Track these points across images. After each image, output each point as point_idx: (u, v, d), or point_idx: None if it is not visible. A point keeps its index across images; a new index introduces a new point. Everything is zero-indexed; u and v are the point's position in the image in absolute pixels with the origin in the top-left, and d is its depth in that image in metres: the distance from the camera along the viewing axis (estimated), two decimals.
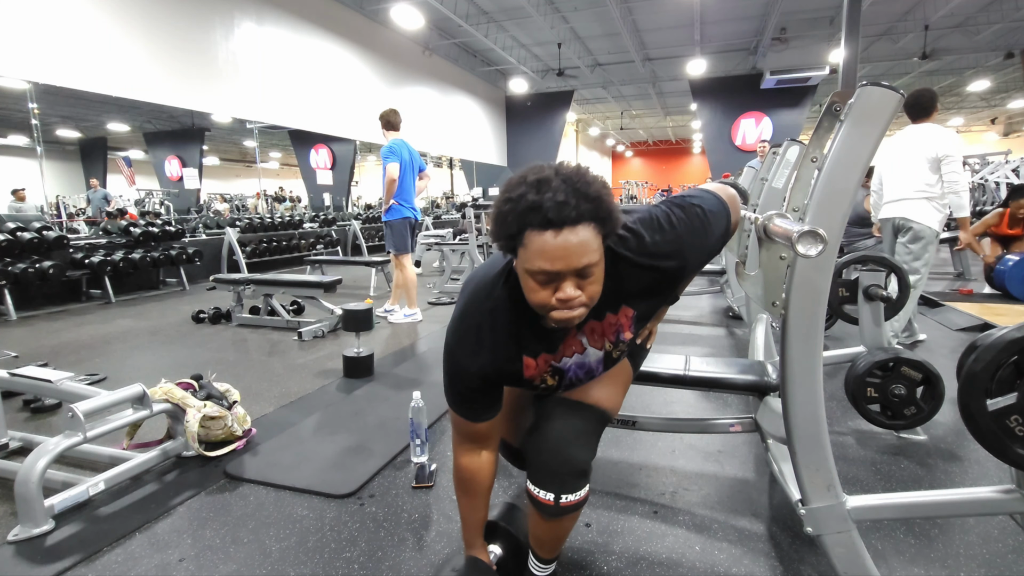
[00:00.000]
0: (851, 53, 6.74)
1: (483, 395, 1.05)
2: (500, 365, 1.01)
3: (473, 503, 1.14)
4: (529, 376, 1.03)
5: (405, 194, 3.99)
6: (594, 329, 1.02)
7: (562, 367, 1.03)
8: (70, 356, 3.36)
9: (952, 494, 1.19)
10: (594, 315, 0.99)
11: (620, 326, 1.02)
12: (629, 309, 1.01)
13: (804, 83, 11.26)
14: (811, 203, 1.02)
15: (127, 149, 15.18)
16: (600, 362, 1.05)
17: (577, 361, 1.04)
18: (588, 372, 1.06)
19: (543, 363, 1.03)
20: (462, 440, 1.12)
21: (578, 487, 1.03)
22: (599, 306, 0.96)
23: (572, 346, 1.02)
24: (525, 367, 1.02)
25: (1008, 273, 4.23)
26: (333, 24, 8.66)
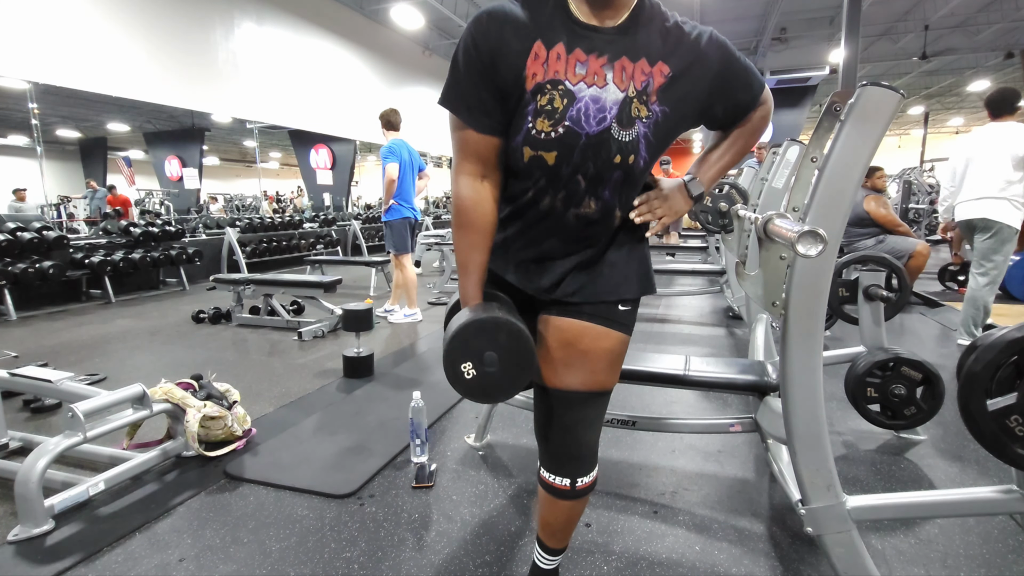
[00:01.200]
0: (851, 53, 6.74)
1: (482, 89, 0.94)
2: (511, 44, 0.92)
3: (471, 239, 1.01)
4: (533, 76, 0.92)
5: (405, 194, 3.98)
6: (624, 68, 0.92)
7: (575, 91, 0.92)
8: (70, 356, 3.36)
9: (952, 494, 1.19)
10: (628, 53, 0.93)
11: (651, 79, 0.93)
12: (666, 67, 0.94)
13: (804, 83, 11.25)
14: (811, 203, 1.02)
15: (127, 149, 15.20)
16: (616, 106, 0.92)
17: (593, 95, 0.92)
18: (600, 112, 0.93)
19: (555, 61, 0.92)
20: (462, 159, 1.01)
21: (592, 468, 1.08)
22: (638, 47, 0.93)
23: (595, 72, 0.92)
24: (533, 56, 0.92)
25: (1008, 273, 4.23)
26: (333, 24, 8.66)
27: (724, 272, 4.37)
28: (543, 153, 0.94)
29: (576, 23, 0.92)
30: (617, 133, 0.93)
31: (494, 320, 0.92)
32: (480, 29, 0.93)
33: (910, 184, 8.47)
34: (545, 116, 0.93)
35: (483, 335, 0.92)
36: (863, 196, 4.02)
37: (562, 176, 0.96)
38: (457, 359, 0.93)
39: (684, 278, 5.52)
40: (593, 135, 0.93)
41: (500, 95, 0.94)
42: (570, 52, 0.92)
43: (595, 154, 0.94)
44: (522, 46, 0.92)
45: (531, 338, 0.91)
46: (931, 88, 15.15)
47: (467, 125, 0.97)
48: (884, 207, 3.99)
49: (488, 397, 0.96)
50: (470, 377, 0.93)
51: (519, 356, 0.92)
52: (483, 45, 0.92)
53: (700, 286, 5.06)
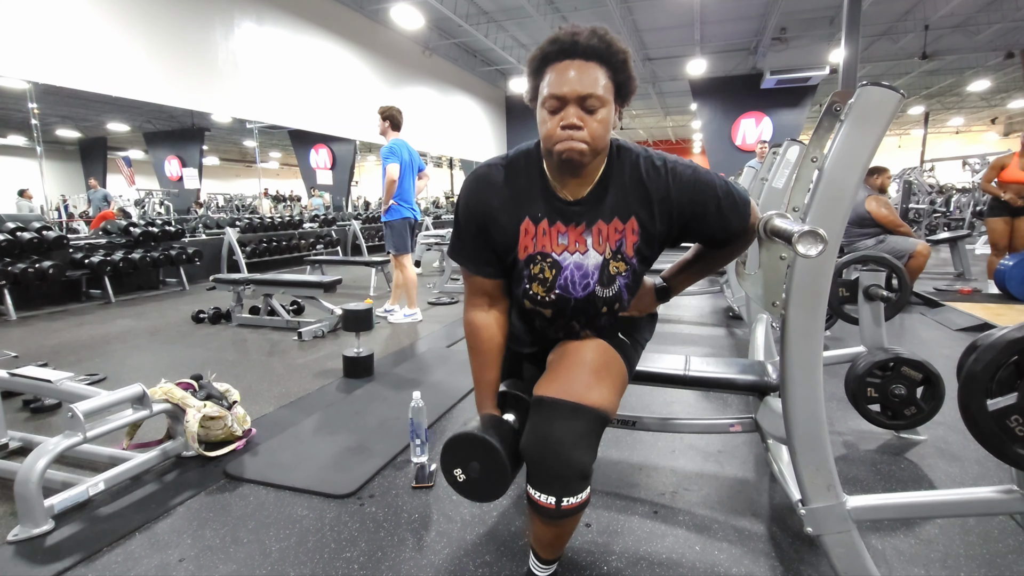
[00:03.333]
0: (851, 53, 6.74)
1: (481, 247, 1.10)
2: (499, 219, 1.06)
3: (482, 360, 1.15)
4: (525, 249, 1.06)
5: (405, 194, 3.98)
6: (600, 231, 1.05)
7: (560, 261, 1.06)
8: (70, 356, 3.36)
9: (952, 494, 1.18)
10: (603, 216, 1.04)
11: (624, 237, 1.05)
12: (636, 224, 1.04)
13: (804, 83, 11.25)
14: (811, 203, 1.02)
15: (127, 149, 15.19)
16: (597, 270, 1.06)
17: (576, 262, 1.06)
18: (584, 278, 1.06)
19: (541, 236, 1.05)
20: (471, 295, 1.16)
21: (580, 490, 1.02)
22: (609, 208, 1.04)
23: (575, 240, 1.05)
24: (523, 232, 1.06)
25: (1008, 273, 4.23)
26: (333, 24, 8.66)
27: (724, 272, 4.37)
28: (541, 309, 1.11)
29: (555, 198, 1.05)
30: (601, 292, 1.08)
31: (472, 437, 1.06)
32: (472, 201, 1.09)
33: (910, 184, 8.47)
34: (539, 283, 1.09)
35: (465, 448, 1.07)
36: (864, 196, 4.02)
37: (559, 323, 1.14)
38: (449, 466, 1.09)
39: None
40: (580, 299, 1.08)
41: (498, 256, 1.10)
42: (552, 225, 1.06)
43: (584, 310, 1.10)
44: (510, 222, 1.06)
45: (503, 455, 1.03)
46: (931, 88, 15.15)
47: (474, 274, 1.13)
48: (886, 207, 3.98)
49: (478, 498, 1.10)
50: (461, 480, 1.09)
51: (494, 469, 1.05)
52: (477, 214, 1.08)
53: (700, 286, 5.05)
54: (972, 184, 9.03)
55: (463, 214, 1.09)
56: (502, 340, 1.16)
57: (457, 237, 1.12)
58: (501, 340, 1.16)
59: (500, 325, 1.16)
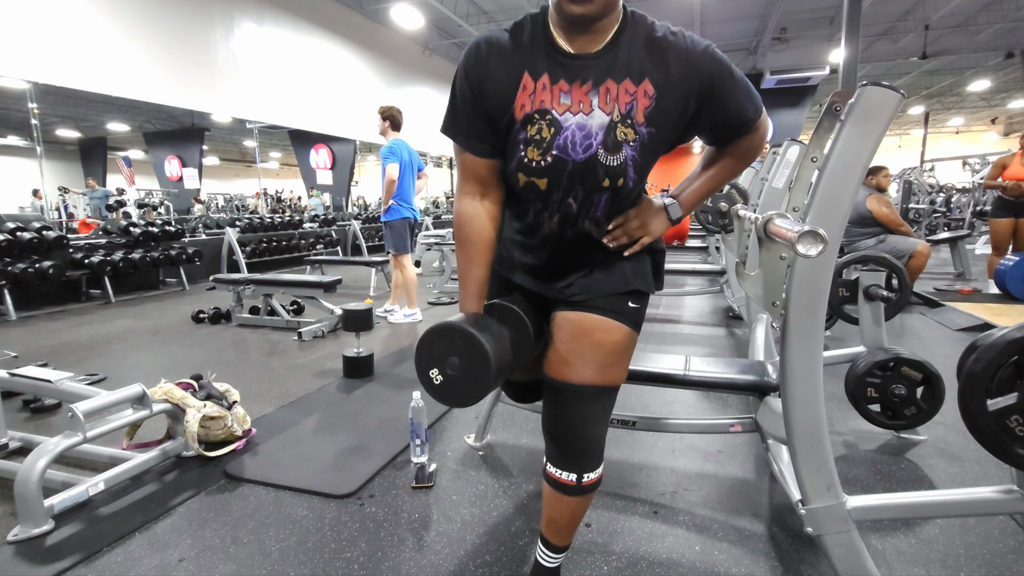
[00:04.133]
0: (851, 53, 6.74)
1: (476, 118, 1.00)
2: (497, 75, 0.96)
3: (470, 254, 1.06)
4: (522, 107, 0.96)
5: (405, 194, 3.98)
6: (608, 90, 0.94)
7: (561, 121, 0.95)
8: (70, 356, 3.36)
9: (952, 494, 1.18)
10: (613, 75, 0.94)
11: (636, 100, 0.94)
12: (650, 86, 0.94)
13: (804, 83, 11.26)
14: (811, 203, 1.02)
15: (127, 149, 15.20)
16: (602, 131, 0.95)
17: (579, 122, 0.95)
18: (586, 139, 0.96)
19: (541, 91, 0.96)
20: (463, 180, 1.08)
21: (597, 464, 1.09)
22: (621, 66, 0.94)
23: (579, 100, 0.95)
24: (522, 88, 0.96)
25: (1008, 273, 4.23)
26: (333, 24, 8.66)
27: (724, 272, 4.37)
28: (535, 179, 0.99)
29: (559, 52, 0.96)
30: (604, 158, 0.96)
31: (450, 327, 0.94)
32: (470, 61, 0.99)
33: (910, 184, 8.47)
34: (534, 145, 0.97)
35: (442, 342, 0.95)
36: (865, 195, 4.02)
37: (554, 200, 1.01)
38: (423, 365, 0.98)
39: (684, 278, 5.52)
40: (580, 162, 0.97)
41: (493, 122, 0.99)
42: (555, 83, 0.96)
43: (583, 179, 0.98)
44: (508, 78, 0.97)
45: (487, 347, 0.92)
46: (931, 88, 15.16)
47: (465, 150, 1.04)
48: (887, 206, 3.98)
49: (456, 401, 0.98)
50: (438, 382, 0.97)
51: (475, 361, 0.93)
52: (473, 76, 0.99)
53: (700, 286, 5.06)
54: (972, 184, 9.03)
55: (459, 81, 1.00)
56: (492, 234, 1.07)
57: (451, 108, 1.03)
58: (491, 234, 1.07)
59: (491, 217, 1.06)
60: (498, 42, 0.98)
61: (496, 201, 1.08)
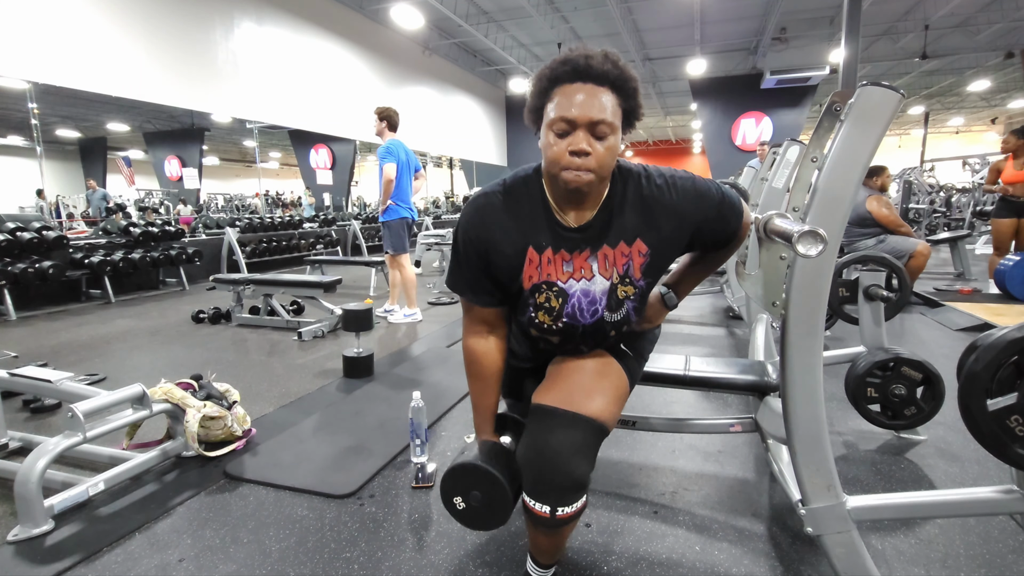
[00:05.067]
0: (851, 53, 6.74)
1: (481, 277, 1.07)
2: (503, 249, 1.03)
3: (481, 387, 1.15)
4: (530, 278, 1.04)
5: (402, 194, 4.00)
6: (606, 256, 1.03)
7: (566, 289, 1.03)
8: (70, 356, 3.36)
9: (952, 494, 1.18)
10: (608, 241, 1.02)
11: (631, 260, 1.03)
12: (643, 245, 1.03)
13: (804, 83, 11.25)
14: (811, 203, 1.02)
15: (127, 149, 15.20)
16: (605, 295, 1.04)
17: (583, 288, 1.04)
18: (591, 305, 1.05)
19: (546, 265, 1.03)
20: (470, 323, 1.15)
21: (575, 500, 1.01)
22: (615, 233, 1.02)
23: (581, 268, 1.03)
24: (528, 261, 1.03)
25: (1008, 273, 4.23)
26: (333, 24, 8.66)
27: (724, 272, 4.37)
28: (548, 336, 1.10)
29: (559, 225, 1.02)
30: (609, 317, 1.07)
31: (474, 467, 1.05)
32: (473, 228, 1.05)
33: (910, 184, 8.47)
34: (545, 312, 1.06)
35: (467, 477, 1.06)
36: (865, 196, 4.01)
37: (566, 348, 1.13)
38: (449, 494, 1.09)
39: None
40: (589, 325, 1.07)
41: (497, 281, 1.07)
42: (556, 253, 1.03)
43: (593, 335, 1.09)
44: (514, 252, 1.04)
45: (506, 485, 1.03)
46: (931, 88, 15.15)
47: (473, 304, 1.11)
48: (886, 207, 3.98)
49: (478, 526, 1.10)
50: (461, 508, 1.08)
51: (496, 498, 1.05)
52: (479, 245, 1.05)
53: (700, 286, 5.04)
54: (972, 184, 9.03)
55: (463, 243, 1.06)
56: (501, 365, 1.16)
57: (456, 266, 1.09)
58: (500, 366, 1.15)
59: (499, 351, 1.15)
60: (499, 211, 1.03)
61: (502, 335, 1.16)
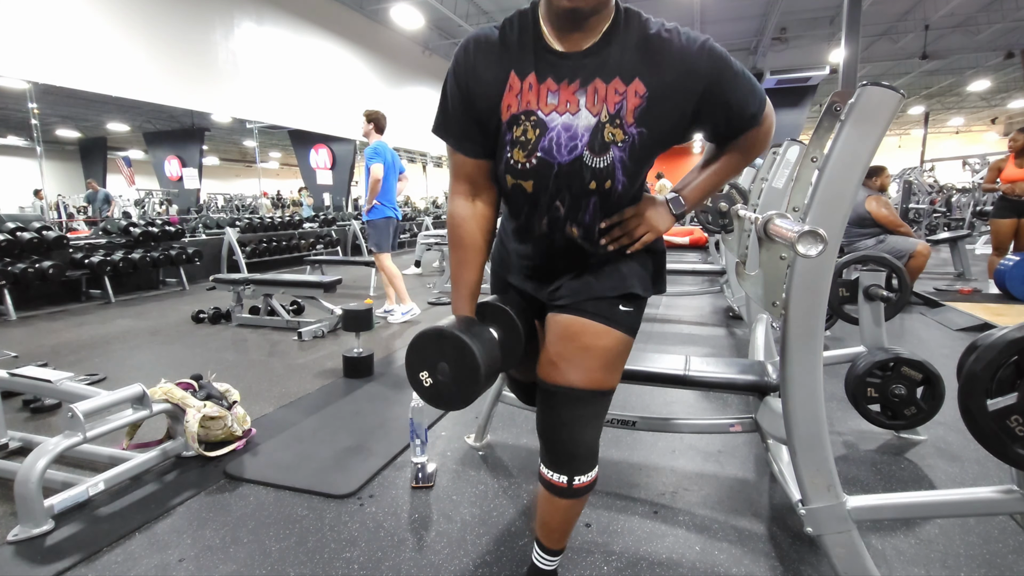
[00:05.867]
0: (851, 53, 6.74)
1: (464, 117, 0.99)
2: (483, 77, 0.95)
3: (461, 257, 1.06)
4: (508, 108, 0.94)
5: (388, 195, 4.11)
6: (597, 90, 0.91)
7: (547, 122, 0.93)
8: (70, 356, 3.36)
9: (952, 494, 1.18)
10: (601, 74, 0.91)
11: (625, 100, 0.91)
12: (641, 86, 0.90)
13: (804, 83, 11.26)
14: (811, 203, 1.02)
15: (127, 149, 15.18)
16: (588, 133, 0.92)
17: (565, 122, 0.92)
18: (571, 140, 0.93)
19: (527, 91, 0.93)
20: (454, 179, 1.06)
21: (589, 468, 1.07)
22: (611, 66, 0.91)
23: (566, 100, 0.92)
24: (508, 88, 0.94)
25: (1008, 273, 4.23)
26: (333, 24, 8.66)
27: (724, 272, 4.37)
28: (521, 182, 0.98)
29: (548, 51, 0.94)
30: (590, 160, 0.93)
31: (442, 333, 0.95)
32: (459, 61, 0.98)
33: (910, 184, 8.47)
34: (520, 147, 0.95)
35: (432, 346, 0.96)
36: (865, 196, 4.02)
37: (541, 203, 0.99)
38: (414, 368, 0.99)
39: (684, 278, 5.52)
40: (565, 164, 0.94)
41: (482, 123, 0.98)
42: (541, 82, 0.93)
43: (569, 182, 0.95)
44: (495, 78, 0.95)
45: (476, 353, 0.93)
46: (931, 88, 15.15)
47: (456, 151, 1.03)
48: (886, 207, 3.98)
49: (445, 404, 0.99)
50: (428, 385, 0.98)
51: (464, 368, 0.94)
52: (461, 77, 0.97)
53: (700, 286, 5.06)
54: (972, 184, 9.03)
55: (448, 82, 0.99)
56: (485, 237, 1.07)
57: (441, 109, 1.02)
58: (483, 236, 1.06)
59: (483, 218, 1.06)
60: (486, 41, 0.96)
61: (488, 202, 1.07)
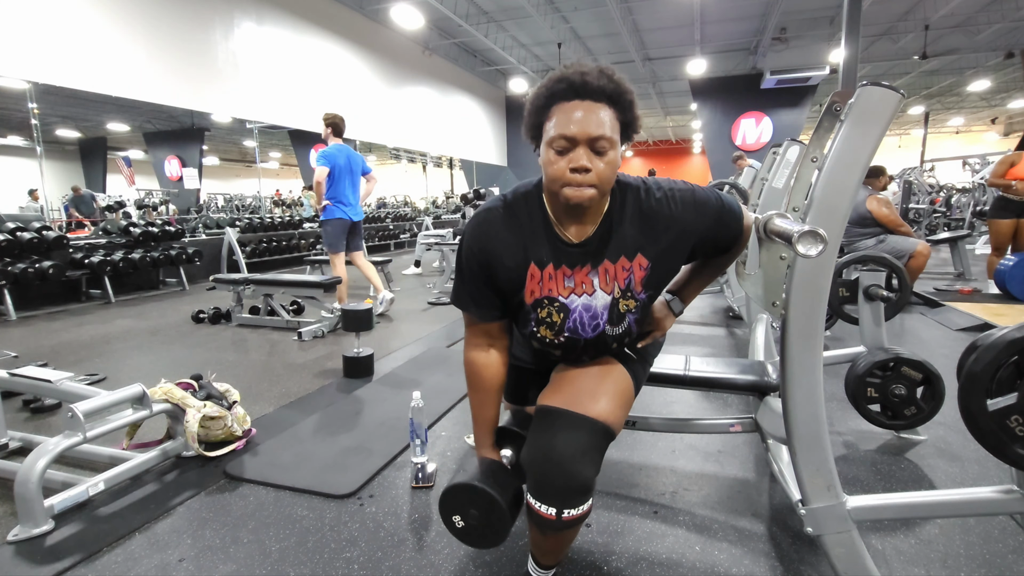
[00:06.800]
0: (851, 53, 6.74)
1: (485, 292, 1.08)
2: (505, 262, 1.04)
3: (482, 399, 1.15)
4: (532, 293, 1.05)
5: (341, 196, 4.17)
6: (607, 271, 1.04)
7: (568, 304, 1.05)
8: (70, 356, 3.36)
9: (952, 494, 1.18)
10: (609, 256, 1.03)
11: (632, 274, 1.04)
12: (644, 259, 1.04)
13: (804, 83, 11.25)
14: (811, 203, 1.02)
15: (127, 149, 15.18)
16: (606, 310, 1.05)
17: (584, 303, 1.05)
18: (593, 320, 1.06)
19: (548, 280, 1.04)
20: (472, 335, 1.15)
21: (581, 503, 0.99)
22: (615, 247, 1.02)
23: (582, 282, 1.04)
24: (530, 276, 1.04)
25: (1008, 273, 4.23)
26: (333, 24, 8.66)
27: (724, 272, 4.36)
28: (551, 350, 1.12)
29: (559, 241, 1.04)
30: (611, 331, 1.08)
31: (471, 488, 1.05)
32: (477, 243, 1.06)
33: (910, 184, 8.47)
34: (547, 327, 1.08)
35: (465, 497, 1.07)
36: (865, 196, 4.01)
37: (569, 357, 1.14)
38: (447, 512, 1.10)
39: None
40: (591, 339, 1.08)
41: (501, 294, 1.09)
42: (558, 269, 1.04)
43: (595, 347, 1.10)
44: (516, 265, 1.05)
45: (504, 506, 1.03)
46: (931, 88, 15.15)
47: (476, 319, 1.12)
48: (887, 207, 3.98)
49: (477, 544, 1.10)
50: (460, 527, 1.09)
51: (494, 519, 1.05)
52: (482, 259, 1.06)
53: None
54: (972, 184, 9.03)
55: (466, 257, 1.07)
56: (502, 379, 1.16)
57: (461, 282, 1.10)
58: (501, 379, 1.16)
59: (501, 363, 1.16)
60: (500, 226, 1.05)
61: (503, 348, 1.17)
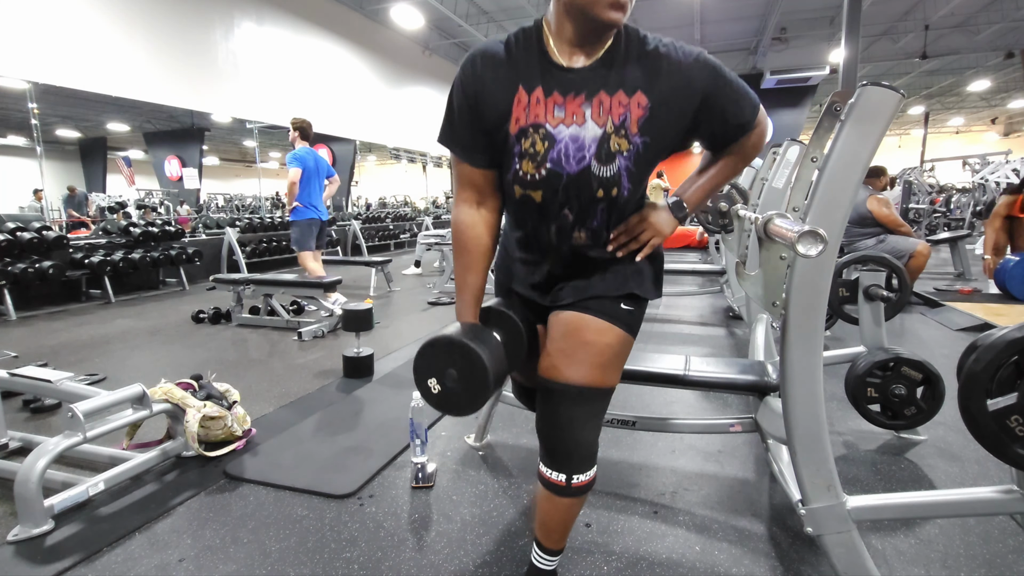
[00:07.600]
0: (851, 53, 6.74)
1: (472, 129, 1.02)
2: (492, 90, 0.98)
3: (466, 261, 1.08)
4: (516, 121, 0.98)
5: (310, 197, 4.28)
6: (602, 102, 0.96)
7: (554, 134, 0.97)
8: (70, 356, 3.36)
9: (952, 494, 1.19)
10: (606, 87, 0.96)
11: (629, 111, 0.96)
12: (643, 98, 0.95)
13: (804, 83, 11.27)
14: (811, 203, 1.02)
15: (127, 149, 15.17)
16: (595, 143, 0.96)
17: (572, 134, 0.97)
18: (579, 151, 0.97)
19: (535, 105, 0.97)
20: (460, 188, 1.09)
21: (588, 467, 1.07)
22: (614, 79, 0.96)
23: (573, 112, 0.97)
24: (516, 102, 0.98)
25: (1008, 273, 4.23)
26: (333, 24, 8.66)
27: (724, 272, 4.37)
28: (531, 192, 1.02)
29: (554, 65, 0.98)
30: (597, 170, 0.98)
31: (450, 341, 0.97)
32: (466, 74, 1.01)
33: (910, 184, 8.47)
34: (529, 159, 0.99)
35: (440, 354, 0.99)
36: (866, 196, 4.02)
37: (551, 211, 1.03)
38: (422, 374, 1.01)
39: (684, 278, 5.52)
40: (574, 174, 0.98)
41: (489, 134, 1.02)
42: (548, 95, 0.97)
43: (578, 191, 1.00)
44: (504, 91, 0.99)
45: (485, 361, 0.95)
46: (931, 88, 15.16)
47: (462, 160, 1.06)
48: (887, 207, 3.98)
49: (454, 410, 1.03)
50: (436, 392, 1.01)
51: (473, 375, 0.96)
52: (469, 90, 1.01)
53: (700, 286, 5.06)
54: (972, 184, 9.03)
55: (455, 94, 1.02)
56: (489, 242, 1.10)
57: (448, 120, 1.05)
58: (488, 242, 1.09)
59: (488, 225, 1.09)
60: (493, 55, 1.00)
61: (493, 209, 1.10)
